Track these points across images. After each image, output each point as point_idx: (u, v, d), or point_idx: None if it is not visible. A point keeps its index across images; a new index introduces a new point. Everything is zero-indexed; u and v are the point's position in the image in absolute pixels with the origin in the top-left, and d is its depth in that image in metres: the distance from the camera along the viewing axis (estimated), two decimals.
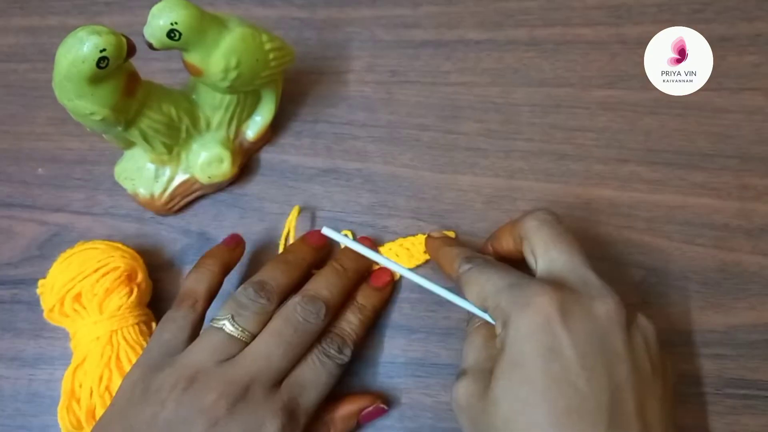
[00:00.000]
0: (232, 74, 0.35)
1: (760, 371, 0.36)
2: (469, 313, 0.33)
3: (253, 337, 0.33)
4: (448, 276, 0.35)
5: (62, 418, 0.36)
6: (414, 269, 0.39)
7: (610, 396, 0.27)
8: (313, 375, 0.33)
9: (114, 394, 0.34)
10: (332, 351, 0.34)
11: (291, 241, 0.40)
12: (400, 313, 0.39)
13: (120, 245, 0.38)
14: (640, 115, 0.42)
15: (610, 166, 0.41)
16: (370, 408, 0.35)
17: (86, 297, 0.36)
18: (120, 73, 0.33)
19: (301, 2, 0.48)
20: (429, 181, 0.42)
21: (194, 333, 0.33)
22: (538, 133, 0.43)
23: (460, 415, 0.31)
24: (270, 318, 0.33)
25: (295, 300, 0.34)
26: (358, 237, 0.40)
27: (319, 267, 0.38)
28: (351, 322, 0.35)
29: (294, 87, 0.44)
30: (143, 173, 0.40)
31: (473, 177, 0.42)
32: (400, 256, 0.39)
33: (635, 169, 0.41)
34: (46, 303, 0.37)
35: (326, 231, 0.36)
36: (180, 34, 0.32)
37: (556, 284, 0.29)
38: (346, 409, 0.35)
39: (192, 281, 0.35)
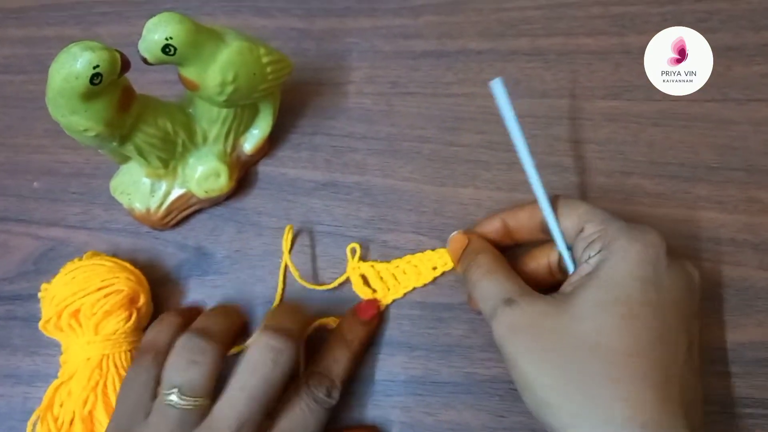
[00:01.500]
0: (229, 89, 0.34)
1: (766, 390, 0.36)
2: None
3: (209, 394, 0.31)
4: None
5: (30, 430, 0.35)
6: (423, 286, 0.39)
7: (687, 342, 0.30)
8: (302, 420, 0.32)
9: (96, 420, 0.35)
10: (320, 395, 0.33)
11: (290, 267, 0.39)
12: (400, 330, 0.38)
13: (128, 265, 0.38)
14: (644, 126, 0.42)
15: (613, 179, 0.41)
16: None
17: (84, 315, 0.36)
18: (114, 89, 0.32)
19: (300, 12, 0.47)
20: (430, 194, 0.41)
21: (153, 398, 0.32)
22: (540, 144, 0.42)
23: (519, 336, 0.30)
24: (217, 365, 0.31)
25: (308, 385, 0.33)
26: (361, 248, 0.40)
27: None
28: (338, 360, 0.34)
29: (292, 98, 0.43)
30: (139, 187, 0.39)
31: (474, 190, 0.41)
32: (408, 274, 0.38)
33: (639, 181, 0.40)
34: (44, 311, 0.36)
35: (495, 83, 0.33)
36: (175, 50, 0.32)
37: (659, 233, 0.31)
38: None
39: (153, 333, 0.34)
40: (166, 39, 0.31)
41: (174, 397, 0.30)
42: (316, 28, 0.47)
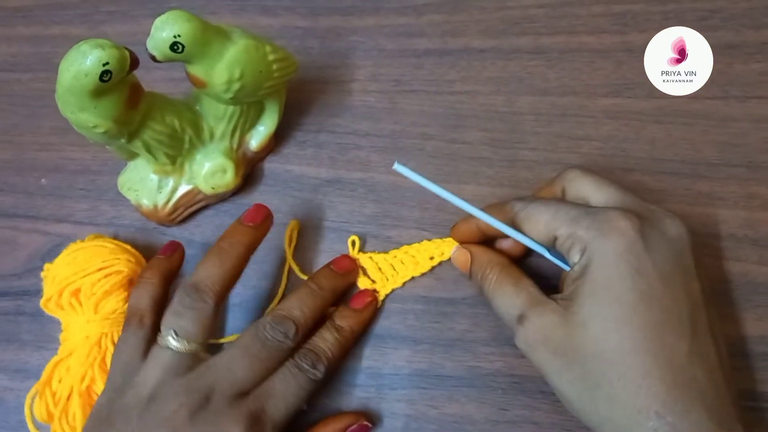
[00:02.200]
0: (236, 86, 0.35)
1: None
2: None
3: (202, 343, 0.33)
4: (503, 219, 0.34)
5: (31, 404, 0.36)
6: (419, 276, 0.39)
7: (689, 311, 0.29)
8: (283, 386, 0.33)
9: (93, 394, 0.36)
10: (305, 365, 0.33)
11: (290, 262, 0.40)
12: (404, 324, 0.38)
13: (129, 247, 0.39)
14: (646, 123, 0.42)
15: (615, 176, 0.41)
16: (354, 426, 0.35)
17: (85, 294, 0.37)
18: (123, 86, 0.33)
19: (305, 11, 0.48)
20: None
21: (148, 348, 0.34)
22: (542, 142, 0.42)
23: (538, 351, 0.31)
24: (213, 320, 0.34)
25: (265, 319, 0.34)
26: (360, 244, 0.40)
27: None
28: (326, 339, 0.35)
29: (297, 96, 0.44)
30: (146, 184, 0.40)
31: (477, 186, 0.41)
32: (406, 264, 0.39)
33: (640, 178, 0.41)
34: (45, 290, 0.38)
35: (398, 167, 0.32)
36: (183, 47, 0.32)
37: (628, 210, 0.31)
38: (330, 428, 0.35)
39: (134, 298, 0.35)
40: (175, 36, 0.32)
41: (170, 338, 0.33)
42: (320, 26, 0.47)
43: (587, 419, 0.30)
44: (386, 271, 0.39)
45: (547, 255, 0.33)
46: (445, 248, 0.38)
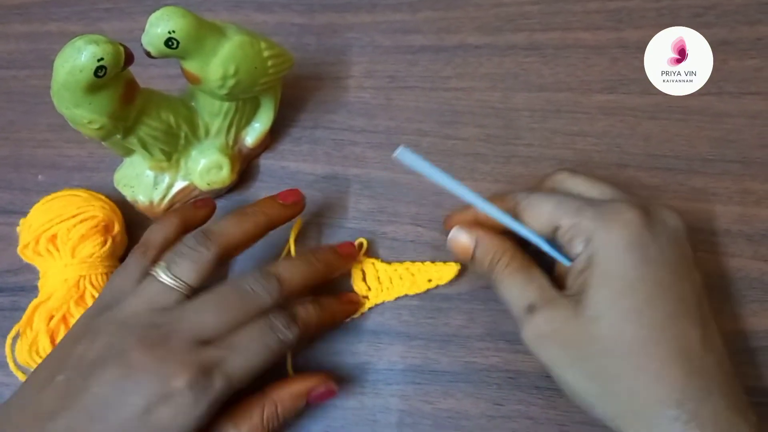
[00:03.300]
0: (231, 82, 0.35)
1: (763, 378, 0.36)
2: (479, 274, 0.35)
3: (190, 288, 0.32)
4: (504, 209, 0.33)
5: (17, 346, 0.37)
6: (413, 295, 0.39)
7: (696, 299, 0.30)
8: (247, 340, 0.31)
9: (71, 317, 0.37)
10: (278, 323, 0.32)
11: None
12: (399, 319, 0.39)
13: (102, 197, 0.40)
14: (641, 119, 0.42)
15: (610, 171, 0.41)
16: (321, 388, 0.34)
17: (61, 240, 0.38)
18: (118, 82, 0.33)
19: (300, 8, 0.48)
20: (428, 186, 0.41)
21: (143, 279, 0.33)
22: (537, 138, 0.42)
23: (547, 345, 0.31)
24: (210, 269, 0.33)
25: (251, 272, 0.33)
26: (355, 241, 0.40)
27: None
28: (308, 310, 0.34)
29: (293, 93, 0.44)
30: (142, 180, 0.40)
31: (473, 182, 0.42)
32: (404, 280, 0.39)
33: (635, 174, 0.41)
34: (22, 238, 0.39)
35: (401, 153, 0.31)
36: (178, 43, 0.32)
37: (631, 203, 0.31)
38: (296, 387, 0.34)
39: (148, 232, 0.35)
40: (169, 32, 0.32)
41: (160, 270, 0.32)
42: (316, 23, 0.47)
43: (601, 412, 0.30)
44: (384, 282, 0.39)
45: (546, 247, 0.33)
46: (445, 273, 0.38)
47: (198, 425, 0.30)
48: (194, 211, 0.37)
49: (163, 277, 0.32)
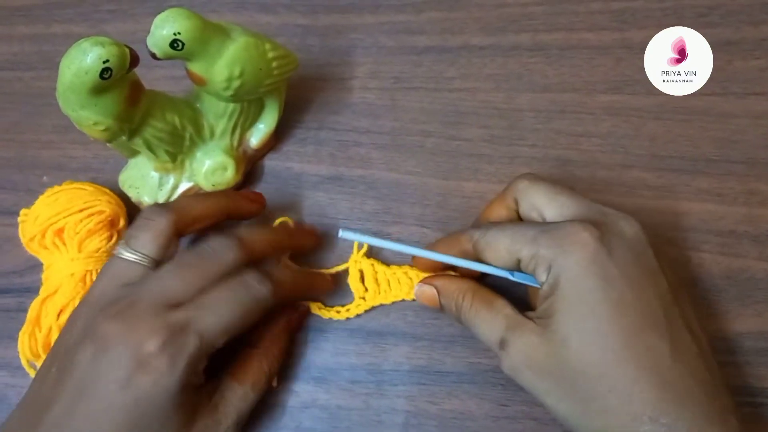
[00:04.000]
0: (236, 83, 0.35)
1: (767, 379, 0.36)
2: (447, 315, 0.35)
3: (151, 259, 0.32)
4: (462, 249, 0.34)
5: (22, 343, 0.37)
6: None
7: (662, 311, 0.29)
8: (219, 298, 0.31)
9: None
10: (249, 279, 0.32)
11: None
12: (404, 320, 0.39)
13: (107, 190, 0.40)
14: (645, 120, 0.42)
15: (614, 172, 0.41)
16: (295, 316, 0.36)
17: (68, 234, 0.38)
18: (123, 83, 0.33)
19: (305, 9, 0.48)
20: (433, 187, 0.42)
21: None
22: (542, 138, 0.42)
23: (525, 374, 0.31)
24: (167, 239, 0.33)
25: (210, 236, 0.33)
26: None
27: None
28: (281, 270, 0.34)
29: (298, 94, 0.44)
30: (147, 181, 0.40)
31: (477, 183, 0.42)
32: (401, 284, 0.39)
33: (640, 174, 0.41)
34: (26, 232, 0.38)
35: (343, 234, 0.33)
36: (183, 44, 0.32)
37: (584, 220, 0.31)
38: (276, 327, 0.35)
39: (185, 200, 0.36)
40: (175, 34, 0.32)
41: (120, 247, 0.33)
42: (320, 24, 0.47)
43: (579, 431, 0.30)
44: (382, 285, 0.39)
45: (512, 278, 0.33)
46: None
47: (179, 388, 0.29)
48: (234, 201, 0.37)
49: (124, 253, 0.32)
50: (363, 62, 0.46)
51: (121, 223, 0.39)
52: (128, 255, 0.32)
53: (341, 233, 0.33)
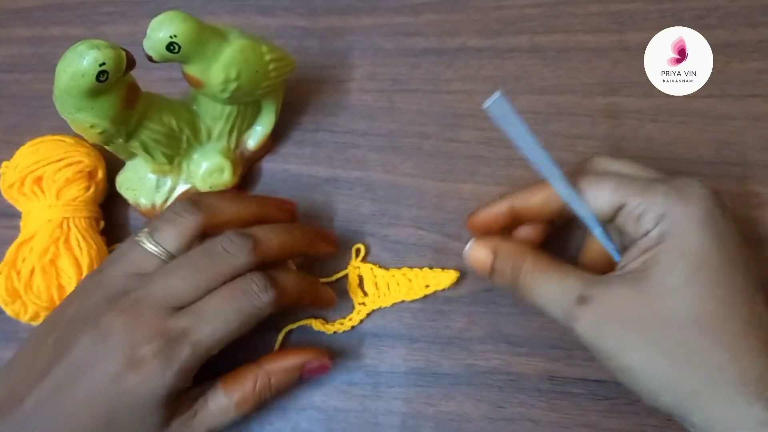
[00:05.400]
0: (232, 86, 0.35)
1: None
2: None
3: (171, 255, 0.32)
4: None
5: None
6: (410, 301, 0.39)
7: (756, 275, 0.29)
8: (218, 305, 0.31)
9: (59, 269, 0.37)
10: (252, 287, 0.31)
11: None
12: (401, 322, 0.39)
13: (86, 143, 0.40)
14: (642, 122, 0.42)
15: None
16: (315, 363, 0.35)
17: (47, 182, 0.39)
18: (120, 86, 0.33)
19: (303, 11, 0.48)
20: (430, 189, 0.42)
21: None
22: (539, 140, 0.42)
23: (610, 330, 0.29)
24: (192, 238, 0.32)
25: (223, 233, 0.32)
26: (354, 245, 0.40)
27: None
28: (287, 275, 0.33)
29: (295, 96, 0.44)
30: (144, 183, 0.40)
31: (474, 185, 0.42)
32: (401, 286, 0.39)
33: None
34: (6, 181, 0.40)
35: (493, 102, 0.30)
36: (179, 47, 0.32)
37: (700, 180, 0.31)
38: (290, 360, 0.34)
39: (218, 200, 0.34)
40: (171, 37, 0.32)
41: (143, 236, 0.33)
42: (318, 26, 0.47)
43: (672, 396, 0.28)
44: (381, 288, 0.39)
45: (598, 232, 0.32)
46: (443, 279, 0.38)
47: (168, 393, 0.30)
48: (263, 207, 0.36)
49: (146, 242, 0.32)
50: (360, 64, 0.46)
51: (99, 174, 0.40)
52: (149, 246, 0.32)
53: (490, 102, 0.30)
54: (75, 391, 0.30)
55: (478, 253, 0.33)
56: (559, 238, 0.38)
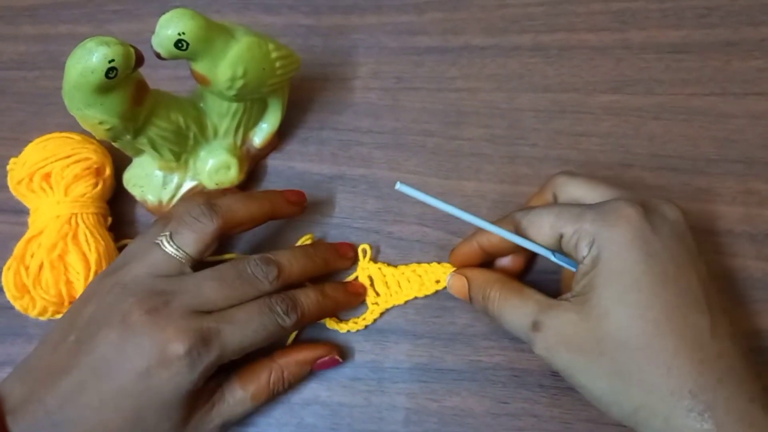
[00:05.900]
0: (239, 83, 0.35)
1: (764, 378, 0.36)
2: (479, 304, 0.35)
3: (190, 258, 0.33)
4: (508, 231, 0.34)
5: (6, 278, 0.38)
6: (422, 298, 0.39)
7: (702, 290, 0.30)
8: (246, 317, 0.33)
9: (67, 264, 0.38)
10: (277, 308, 0.33)
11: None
12: (405, 318, 0.39)
13: (94, 140, 0.41)
14: (645, 120, 0.43)
15: (614, 172, 0.41)
16: (326, 358, 0.36)
17: (55, 178, 0.39)
18: (128, 83, 0.33)
19: (308, 10, 0.48)
20: (434, 186, 0.42)
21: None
22: (542, 138, 0.43)
23: (560, 354, 0.31)
24: (210, 242, 0.34)
25: (251, 257, 0.34)
26: (360, 246, 0.40)
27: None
28: (309, 296, 0.35)
29: (300, 94, 0.44)
30: (151, 180, 0.40)
31: (478, 183, 0.42)
32: (411, 283, 0.39)
33: (639, 174, 0.41)
34: (14, 177, 0.40)
35: (400, 186, 0.33)
36: (187, 44, 0.33)
37: (629, 199, 0.31)
38: (302, 355, 0.36)
39: (175, 206, 0.36)
40: (179, 34, 0.32)
41: (164, 239, 0.33)
42: (323, 24, 0.48)
43: (619, 411, 0.30)
44: (392, 287, 0.39)
45: (552, 258, 0.34)
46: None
47: (191, 389, 0.31)
48: (271, 203, 0.37)
49: (166, 245, 0.33)
50: (365, 62, 0.46)
51: (107, 171, 0.41)
52: (170, 249, 0.33)
53: (398, 186, 0.33)
54: (101, 387, 0.30)
55: (455, 282, 0.37)
56: None
